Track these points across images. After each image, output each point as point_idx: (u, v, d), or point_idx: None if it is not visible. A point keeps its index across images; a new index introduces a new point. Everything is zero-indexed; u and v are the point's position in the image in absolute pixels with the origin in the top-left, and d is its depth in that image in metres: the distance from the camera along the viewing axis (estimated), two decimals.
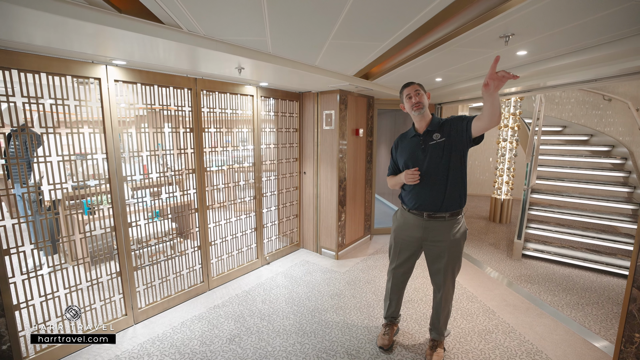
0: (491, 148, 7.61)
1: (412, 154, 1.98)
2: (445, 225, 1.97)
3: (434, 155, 1.90)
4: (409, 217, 2.05)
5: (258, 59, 2.10)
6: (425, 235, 2.01)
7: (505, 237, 4.77)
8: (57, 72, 2.01)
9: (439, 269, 2.04)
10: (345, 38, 1.84)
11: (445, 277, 2.04)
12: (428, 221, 1.98)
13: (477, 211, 6.37)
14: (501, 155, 5.38)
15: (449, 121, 1.92)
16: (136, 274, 2.57)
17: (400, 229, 2.12)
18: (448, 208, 1.94)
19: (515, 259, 3.93)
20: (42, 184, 2.15)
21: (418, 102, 1.92)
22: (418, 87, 1.96)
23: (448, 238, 1.97)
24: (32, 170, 3.02)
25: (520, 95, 3.82)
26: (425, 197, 1.95)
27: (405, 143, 2.05)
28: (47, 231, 2.24)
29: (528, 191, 4.22)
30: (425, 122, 1.97)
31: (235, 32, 1.73)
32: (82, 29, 1.48)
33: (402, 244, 2.13)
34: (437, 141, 1.91)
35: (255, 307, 2.86)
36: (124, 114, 2.40)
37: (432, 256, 2.05)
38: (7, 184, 1.99)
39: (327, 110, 3.79)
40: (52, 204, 2.45)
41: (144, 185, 2.63)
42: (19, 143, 2.67)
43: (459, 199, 1.96)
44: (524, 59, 2.34)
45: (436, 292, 2.14)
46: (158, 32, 1.58)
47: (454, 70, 2.76)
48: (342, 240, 4.02)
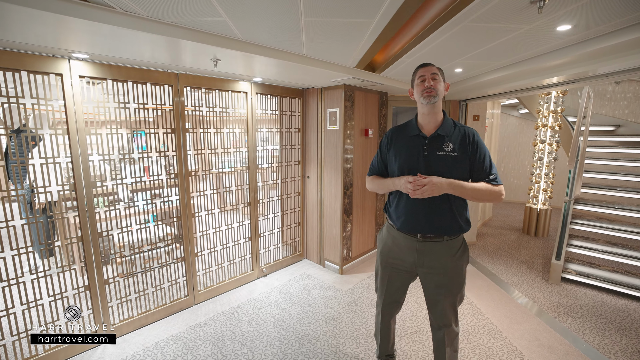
0: (527, 150, 6.80)
1: (409, 158, 1.55)
2: (443, 247, 1.56)
3: (439, 169, 1.49)
4: (399, 237, 1.64)
5: (226, 46, 1.78)
6: (420, 260, 1.59)
7: (540, 255, 4.11)
8: (9, 67, 1.81)
9: (437, 300, 1.62)
10: (322, 14, 1.46)
11: (445, 310, 1.61)
12: (423, 243, 1.56)
13: (509, 221, 5.66)
14: (538, 159, 4.69)
15: (471, 140, 1.51)
16: (109, 287, 2.35)
17: (387, 252, 1.70)
18: (448, 231, 1.53)
19: (552, 283, 3.31)
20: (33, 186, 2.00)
21: (431, 87, 1.47)
22: (436, 70, 1.51)
23: (448, 263, 1.56)
24: (27, 172, 2.95)
25: (563, 88, 3.20)
26: (420, 216, 1.53)
27: (403, 141, 1.62)
28: (41, 233, 2.07)
29: (571, 202, 3.57)
30: (435, 121, 1.55)
31: (182, 12, 1.41)
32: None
33: (391, 270, 1.71)
34: (447, 153, 1.49)
35: (240, 328, 2.55)
36: (92, 113, 2.18)
37: (429, 285, 1.63)
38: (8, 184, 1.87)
39: (331, 109, 3.41)
40: (47, 205, 2.31)
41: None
42: (13, 144, 2.57)
43: (464, 223, 1.56)
44: (567, 36, 1.81)
45: (436, 329, 1.70)
46: (76, 11, 1.29)
47: (474, 57, 2.28)
48: (348, 253, 3.62)
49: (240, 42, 1.83)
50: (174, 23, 1.54)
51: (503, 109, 6.79)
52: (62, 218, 2.16)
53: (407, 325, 2.57)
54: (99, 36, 1.56)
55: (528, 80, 2.81)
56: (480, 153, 1.50)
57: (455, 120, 1.60)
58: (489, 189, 1.48)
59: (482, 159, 1.50)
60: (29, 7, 1.20)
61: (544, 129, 4.59)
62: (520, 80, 2.85)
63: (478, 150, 1.50)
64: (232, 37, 1.78)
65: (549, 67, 2.40)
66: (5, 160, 3.15)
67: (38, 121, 2.04)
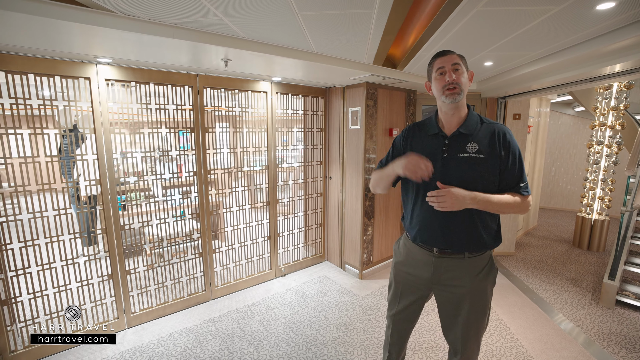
0: (581, 152, 6.05)
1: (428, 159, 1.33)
2: (464, 265, 1.35)
3: (461, 173, 1.28)
4: (414, 250, 1.46)
5: (229, 45, 1.78)
6: (437, 276, 1.40)
7: (592, 272, 3.60)
8: (45, 73, 2.00)
9: (455, 323, 1.43)
10: (315, 7, 1.39)
11: (464, 336, 1.41)
12: (440, 259, 1.37)
13: (557, 231, 5.06)
14: (594, 163, 4.12)
15: (502, 139, 1.27)
16: (128, 278, 2.50)
17: (402, 265, 1.53)
18: (469, 247, 1.33)
19: (603, 306, 2.87)
20: (79, 180, 2.26)
21: (454, 82, 1.23)
22: (458, 58, 1.26)
23: (469, 282, 1.35)
24: (75, 167, 3.28)
25: (626, 79, 2.75)
26: (435, 226, 1.34)
27: (420, 141, 1.40)
28: (83, 223, 2.31)
29: (633, 213, 3.09)
30: (458, 117, 1.32)
31: (178, 14, 1.43)
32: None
33: (404, 285, 1.53)
34: (470, 155, 1.27)
35: (250, 327, 2.56)
36: (116, 114, 2.33)
37: (446, 306, 1.44)
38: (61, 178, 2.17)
39: (353, 108, 3.31)
40: (87, 199, 2.55)
41: (138, 189, 2.56)
42: (66, 142, 2.87)
43: (490, 238, 1.34)
44: (612, 17, 1.53)
45: (452, 355, 1.52)
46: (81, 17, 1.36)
47: (504, 48, 2.04)
48: (369, 258, 3.48)
49: (245, 40, 1.83)
50: (175, 24, 1.57)
51: (554, 106, 6.10)
52: (103, 210, 2.34)
53: (424, 339, 2.39)
54: (109, 39, 1.65)
55: (580, 71, 2.38)
56: (513, 156, 1.26)
57: (483, 116, 1.36)
58: (517, 202, 1.26)
59: (514, 164, 1.27)
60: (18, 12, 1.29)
61: (601, 128, 4.02)
62: (569, 71, 2.46)
63: (510, 153, 1.26)
64: (235, 37, 1.78)
65: (605, 52, 2.02)
66: (60, 156, 3.57)
67: (86, 122, 2.23)
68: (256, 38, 1.83)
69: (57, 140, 2.19)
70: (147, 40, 1.62)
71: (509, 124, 3.79)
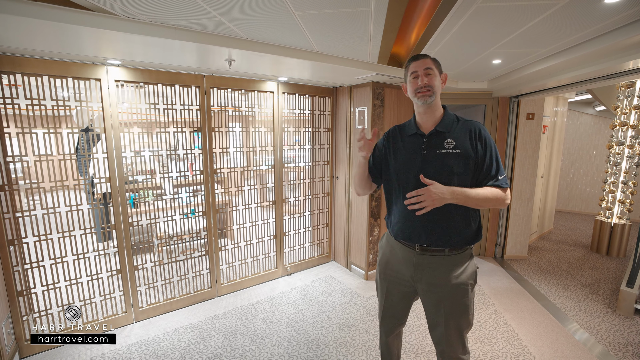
0: (602, 153, 5.79)
1: (408, 159, 1.40)
2: (444, 262, 1.37)
3: (439, 169, 1.32)
4: (396, 247, 1.48)
5: (235, 47, 1.81)
6: (418, 275, 1.41)
7: (610, 278, 3.44)
8: (58, 75, 2.08)
9: (437, 323, 1.43)
10: (311, 7, 1.39)
11: (447, 334, 1.40)
12: (421, 256, 1.39)
13: (574, 235, 4.87)
14: (614, 164, 3.94)
15: (477, 135, 1.33)
16: (136, 273, 2.57)
17: (385, 263, 1.55)
18: (449, 243, 1.34)
19: (621, 315, 2.74)
20: (94, 177, 2.36)
21: (426, 85, 1.31)
22: (431, 62, 1.33)
23: (449, 281, 1.36)
24: (90, 165, 3.41)
25: None
26: (416, 222, 1.36)
27: (401, 140, 1.46)
28: (98, 219, 2.41)
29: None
30: (433, 117, 1.39)
31: (178, 15, 1.46)
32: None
33: (389, 282, 1.55)
34: (448, 151, 1.32)
35: (253, 324, 2.59)
36: (126, 114, 2.41)
37: (429, 304, 1.44)
38: (78, 176, 2.29)
39: (360, 107, 3.29)
40: (102, 195, 2.66)
41: (148, 187, 2.63)
42: (83, 141, 2.99)
43: (471, 234, 1.35)
44: (623, 11, 1.46)
45: (438, 355, 1.50)
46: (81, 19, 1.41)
47: (511, 45, 1.98)
48: (375, 258, 3.45)
49: (247, 41, 1.85)
50: (177, 26, 1.61)
51: (573, 105, 5.87)
52: (118, 206, 2.42)
53: (427, 342, 2.35)
54: (115, 41, 1.71)
55: (599, 67, 2.26)
56: (488, 150, 1.32)
57: (460, 115, 1.41)
58: (495, 196, 1.28)
59: (489, 158, 1.31)
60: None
61: (622, 128, 3.84)
62: (587, 68, 2.35)
63: (487, 147, 1.31)
64: (237, 37, 1.80)
65: (625, 45, 1.90)
66: (77, 155, 3.73)
67: (100, 121, 2.32)
68: (258, 38, 1.84)
69: (73, 139, 2.28)
70: (151, 41, 1.66)
71: (522, 124, 3.68)
